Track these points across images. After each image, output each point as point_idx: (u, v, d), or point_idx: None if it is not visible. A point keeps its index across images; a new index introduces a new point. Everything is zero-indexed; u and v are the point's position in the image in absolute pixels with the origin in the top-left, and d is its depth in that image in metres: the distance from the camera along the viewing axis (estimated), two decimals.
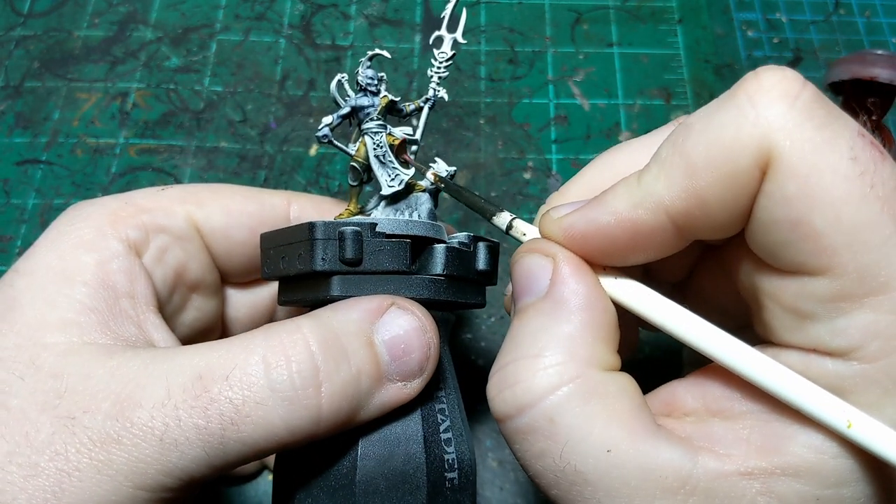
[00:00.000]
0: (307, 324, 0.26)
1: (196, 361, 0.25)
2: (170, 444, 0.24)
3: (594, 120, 0.55)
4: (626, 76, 0.58)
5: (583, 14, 0.61)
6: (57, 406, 0.24)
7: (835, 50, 0.59)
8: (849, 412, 0.21)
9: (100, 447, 0.24)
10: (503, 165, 0.53)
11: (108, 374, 0.25)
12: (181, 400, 0.24)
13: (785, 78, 0.22)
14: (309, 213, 0.35)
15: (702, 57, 0.58)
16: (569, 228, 0.25)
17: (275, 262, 0.30)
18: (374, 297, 0.28)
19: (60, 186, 0.52)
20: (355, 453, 0.28)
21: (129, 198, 0.32)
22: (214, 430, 0.24)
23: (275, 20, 0.60)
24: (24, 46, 0.58)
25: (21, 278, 0.28)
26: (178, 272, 0.32)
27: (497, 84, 0.57)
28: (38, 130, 0.54)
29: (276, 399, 0.25)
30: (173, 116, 0.55)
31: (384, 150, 0.32)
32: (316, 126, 0.54)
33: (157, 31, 0.59)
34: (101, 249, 0.29)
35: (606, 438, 0.23)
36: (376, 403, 0.27)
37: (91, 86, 0.56)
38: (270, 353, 0.25)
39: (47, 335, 0.26)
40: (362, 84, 0.32)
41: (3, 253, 0.50)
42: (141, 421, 0.24)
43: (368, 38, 0.59)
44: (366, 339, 0.27)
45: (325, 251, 0.27)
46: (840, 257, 0.21)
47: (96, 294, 0.28)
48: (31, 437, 0.24)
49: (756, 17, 0.61)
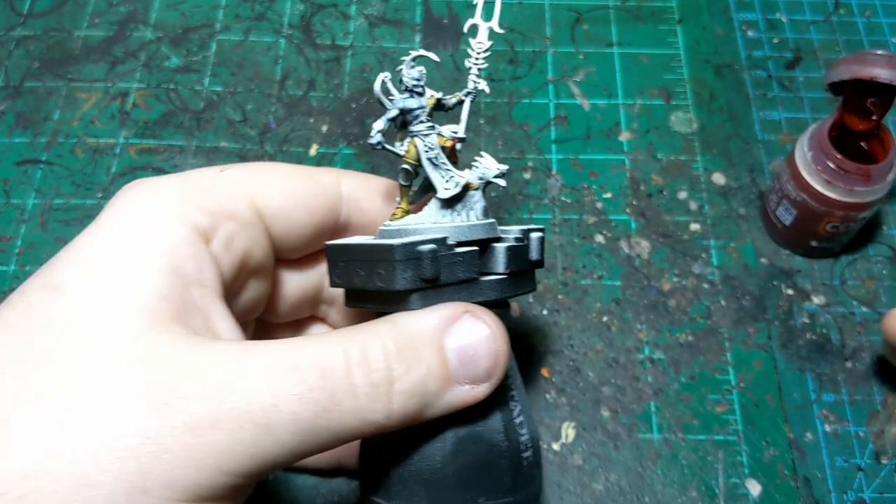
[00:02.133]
0: (386, 328, 0.29)
1: (291, 354, 0.27)
2: (265, 429, 0.25)
3: (594, 120, 0.55)
4: (626, 76, 0.58)
5: (583, 14, 0.61)
6: (148, 391, 0.25)
7: (835, 50, 0.59)
8: None
9: (192, 431, 0.24)
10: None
11: (196, 360, 0.26)
12: (279, 388, 0.25)
13: None
14: (357, 192, 0.36)
15: (702, 57, 0.58)
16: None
17: (347, 275, 0.31)
18: (448, 305, 0.30)
19: (60, 186, 0.52)
20: (448, 447, 0.30)
21: (192, 178, 0.31)
22: (308, 417, 0.26)
23: (275, 20, 0.60)
24: (24, 46, 0.58)
25: (90, 260, 0.28)
26: (243, 258, 0.32)
27: (497, 84, 0.57)
28: (38, 130, 0.54)
29: (358, 393, 0.27)
30: (173, 116, 0.55)
31: (436, 153, 0.32)
32: (316, 126, 0.55)
33: (157, 31, 0.59)
34: (172, 236, 0.29)
35: None
36: (443, 403, 0.29)
37: (91, 86, 0.56)
38: (354, 352, 0.27)
39: (127, 321, 0.26)
40: (408, 85, 0.32)
41: (2, 253, 0.50)
42: (238, 406, 0.25)
43: (368, 38, 0.59)
44: (437, 345, 0.29)
45: (404, 271, 0.29)
46: None
47: (170, 282, 0.28)
48: (120, 421, 0.24)
49: (756, 17, 0.61)
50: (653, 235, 0.51)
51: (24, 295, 0.28)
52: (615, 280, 0.49)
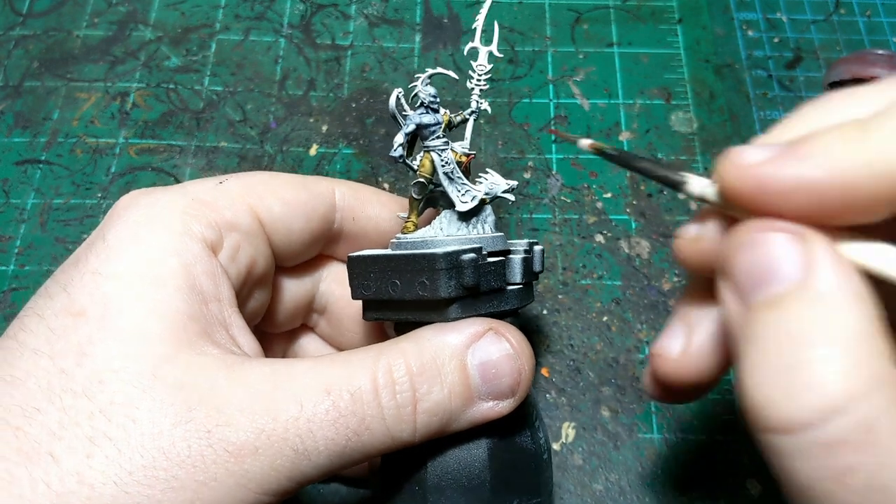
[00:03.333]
0: (411, 348, 0.29)
1: (322, 379, 0.27)
2: (303, 454, 0.26)
3: (594, 120, 0.55)
4: (626, 76, 0.57)
5: (583, 14, 0.61)
6: (189, 420, 0.25)
7: (835, 50, 0.59)
8: None
9: (236, 459, 0.25)
10: (503, 165, 0.53)
11: (230, 386, 0.27)
12: (313, 414, 0.26)
13: None
14: (350, 201, 0.36)
15: (702, 57, 0.58)
16: (766, 183, 0.21)
17: (378, 286, 0.31)
18: (473, 322, 0.30)
19: (60, 186, 0.52)
20: (484, 455, 0.31)
21: (192, 192, 0.32)
22: (341, 440, 0.27)
23: (275, 20, 0.60)
24: (23, 46, 0.58)
25: (108, 282, 0.28)
26: (249, 269, 0.33)
27: (497, 84, 0.57)
28: (38, 130, 0.54)
29: (386, 414, 0.28)
30: (173, 116, 0.55)
31: (452, 167, 0.33)
32: (316, 126, 0.55)
33: (157, 30, 0.59)
34: (184, 252, 0.29)
35: None
36: (467, 419, 0.30)
37: (91, 86, 0.56)
38: (381, 374, 0.28)
39: (158, 346, 0.27)
40: (425, 102, 0.33)
41: (2, 253, 0.50)
42: (277, 433, 0.26)
43: (368, 38, 0.59)
44: (459, 363, 0.30)
45: (448, 280, 0.30)
46: None
47: (191, 301, 0.28)
48: (167, 451, 0.25)
49: (756, 16, 0.61)
50: (653, 235, 0.51)
51: (43, 319, 0.27)
52: (615, 280, 0.49)
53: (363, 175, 0.53)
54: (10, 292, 0.48)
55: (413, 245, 0.32)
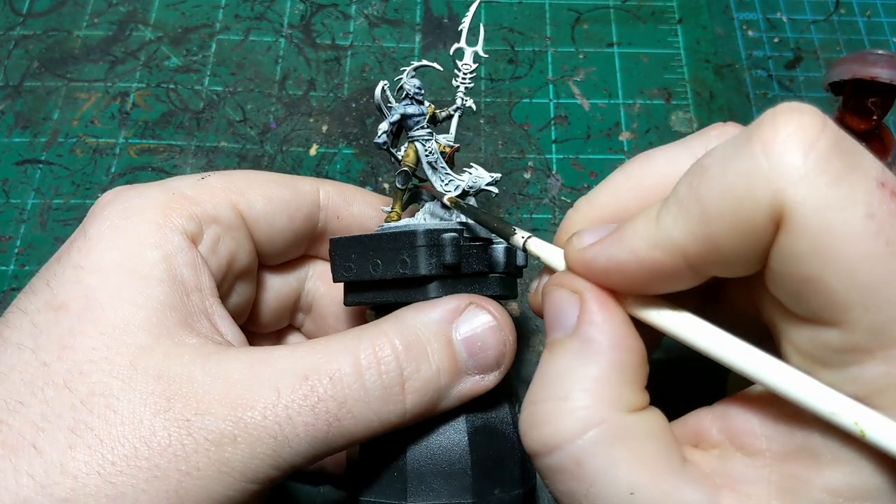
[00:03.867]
0: (393, 327, 0.29)
1: (300, 364, 0.27)
2: (282, 441, 0.26)
3: (594, 120, 0.55)
4: (626, 76, 0.57)
5: (583, 14, 0.61)
6: (168, 409, 0.26)
7: (835, 49, 0.59)
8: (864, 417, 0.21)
9: (217, 447, 0.25)
10: (503, 165, 0.53)
11: (208, 375, 0.26)
12: (291, 400, 0.26)
13: (801, 125, 0.21)
14: (335, 200, 0.37)
15: (702, 57, 0.58)
16: (590, 262, 0.25)
17: (359, 267, 0.31)
18: (452, 298, 0.30)
19: (60, 186, 0.52)
20: (465, 441, 0.30)
21: (173, 187, 0.32)
22: (321, 426, 0.27)
23: (275, 20, 0.60)
24: (23, 46, 0.58)
25: (89, 275, 0.28)
26: (229, 262, 0.33)
27: (497, 84, 0.57)
28: (38, 130, 0.54)
29: (371, 397, 0.27)
30: (173, 116, 0.55)
31: (436, 157, 0.34)
32: (316, 126, 0.55)
33: (157, 30, 0.59)
34: (165, 244, 0.29)
35: (630, 481, 0.23)
36: (455, 394, 0.30)
37: (91, 86, 0.56)
38: (363, 356, 0.28)
39: (138, 337, 0.27)
40: (410, 93, 0.34)
41: (2, 253, 0.50)
42: (255, 421, 0.26)
43: (368, 38, 0.59)
44: (445, 339, 0.29)
45: (429, 257, 0.30)
46: (853, 313, 0.20)
47: (171, 291, 0.28)
48: (148, 441, 0.25)
49: (756, 16, 0.61)
50: None
51: (26, 314, 0.28)
52: None
53: (363, 175, 0.53)
54: (10, 292, 0.48)
55: (396, 229, 0.32)
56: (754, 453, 0.24)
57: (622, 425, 0.23)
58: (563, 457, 0.24)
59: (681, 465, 0.23)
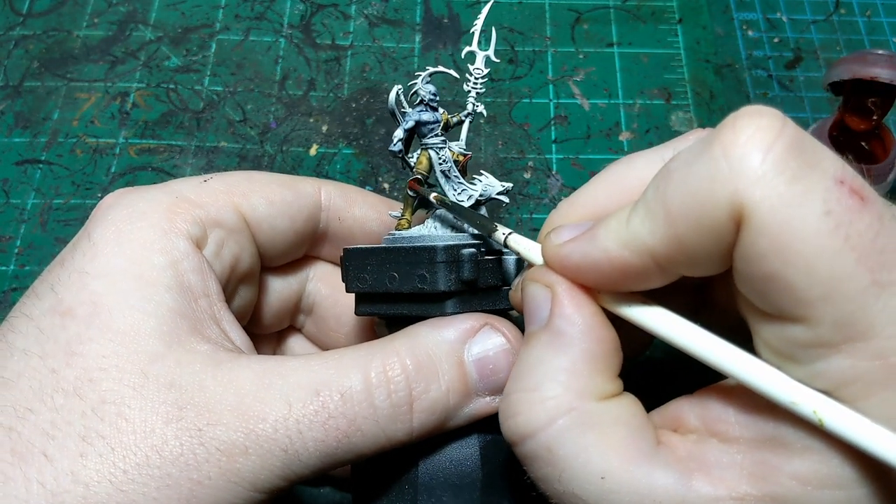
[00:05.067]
0: (405, 345, 0.29)
1: (312, 378, 0.27)
2: (292, 454, 0.26)
3: (594, 120, 0.55)
4: (626, 76, 0.57)
5: (583, 14, 0.61)
6: (180, 418, 0.26)
7: (835, 49, 0.59)
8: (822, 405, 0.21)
9: (228, 458, 0.25)
10: (503, 165, 0.53)
11: (220, 384, 0.26)
12: (302, 415, 0.26)
13: (760, 128, 0.21)
14: (336, 202, 0.36)
15: (702, 57, 0.58)
16: (565, 258, 0.25)
17: (374, 279, 0.31)
18: (468, 317, 0.30)
19: (60, 186, 0.52)
20: (476, 454, 0.30)
21: (176, 191, 0.32)
22: (331, 442, 0.27)
23: (275, 20, 0.60)
24: (23, 46, 0.58)
25: (95, 281, 0.28)
26: (233, 265, 0.33)
27: (497, 84, 0.57)
28: (38, 130, 0.54)
29: (380, 415, 0.27)
30: (173, 116, 0.55)
31: (449, 165, 0.33)
32: (316, 126, 0.55)
33: (157, 31, 0.59)
34: (171, 250, 0.29)
35: (601, 466, 0.23)
36: (464, 415, 0.30)
37: (91, 86, 0.56)
38: (374, 374, 0.28)
39: (149, 344, 0.27)
40: (425, 99, 0.33)
41: (2, 253, 0.50)
42: (266, 434, 0.26)
43: (368, 38, 0.59)
44: (456, 360, 0.29)
45: (448, 273, 0.29)
46: (815, 309, 0.21)
47: (180, 298, 0.28)
48: (160, 449, 0.25)
49: (756, 16, 0.61)
50: None
51: (31, 319, 0.27)
52: None
53: (363, 175, 0.53)
54: (10, 292, 0.48)
55: (411, 240, 0.32)
56: (728, 440, 0.24)
57: (592, 412, 0.24)
58: (535, 445, 0.24)
59: (653, 450, 0.24)
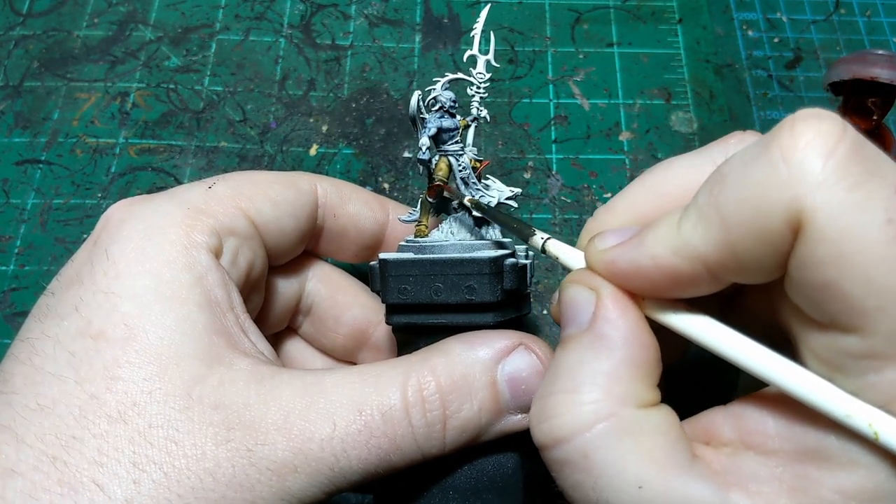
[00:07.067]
0: (441, 363, 0.29)
1: (353, 395, 0.28)
2: (338, 472, 0.27)
3: (594, 120, 0.55)
4: (626, 76, 0.57)
5: (583, 14, 0.61)
6: (229, 439, 0.26)
7: (835, 49, 0.59)
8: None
9: (279, 477, 0.26)
10: (503, 165, 0.53)
11: (264, 402, 0.27)
12: (346, 434, 0.27)
13: (821, 132, 0.21)
14: (331, 198, 0.37)
15: (702, 57, 0.58)
16: (611, 264, 0.25)
17: (418, 289, 0.31)
18: (503, 335, 0.30)
19: (60, 186, 0.52)
20: (516, 456, 0.31)
21: (186, 201, 0.31)
22: (373, 460, 0.27)
23: (275, 20, 0.60)
24: (23, 46, 0.58)
25: (125, 303, 0.27)
26: (248, 272, 0.33)
27: (497, 84, 0.57)
28: (38, 130, 0.54)
29: (417, 434, 0.28)
30: (173, 116, 0.55)
31: (468, 172, 0.34)
32: (316, 126, 0.55)
33: (157, 30, 0.59)
34: (195, 266, 0.29)
35: (638, 475, 0.23)
36: (495, 431, 0.30)
37: (91, 86, 0.56)
38: (411, 392, 0.28)
39: (190, 366, 0.27)
40: (445, 105, 0.33)
41: (2, 253, 0.50)
42: (313, 453, 0.26)
43: (368, 38, 0.59)
44: (489, 379, 0.30)
45: (495, 284, 0.30)
46: (871, 319, 0.20)
47: (211, 315, 0.28)
48: (213, 472, 0.25)
49: (756, 16, 0.61)
50: None
51: (59, 342, 0.27)
52: None
53: (363, 175, 0.53)
54: (10, 292, 0.48)
55: (443, 249, 0.32)
56: (767, 453, 0.24)
57: (631, 420, 0.24)
58: (570, 449, 0.24)
59: (690, 462, 0.23)
